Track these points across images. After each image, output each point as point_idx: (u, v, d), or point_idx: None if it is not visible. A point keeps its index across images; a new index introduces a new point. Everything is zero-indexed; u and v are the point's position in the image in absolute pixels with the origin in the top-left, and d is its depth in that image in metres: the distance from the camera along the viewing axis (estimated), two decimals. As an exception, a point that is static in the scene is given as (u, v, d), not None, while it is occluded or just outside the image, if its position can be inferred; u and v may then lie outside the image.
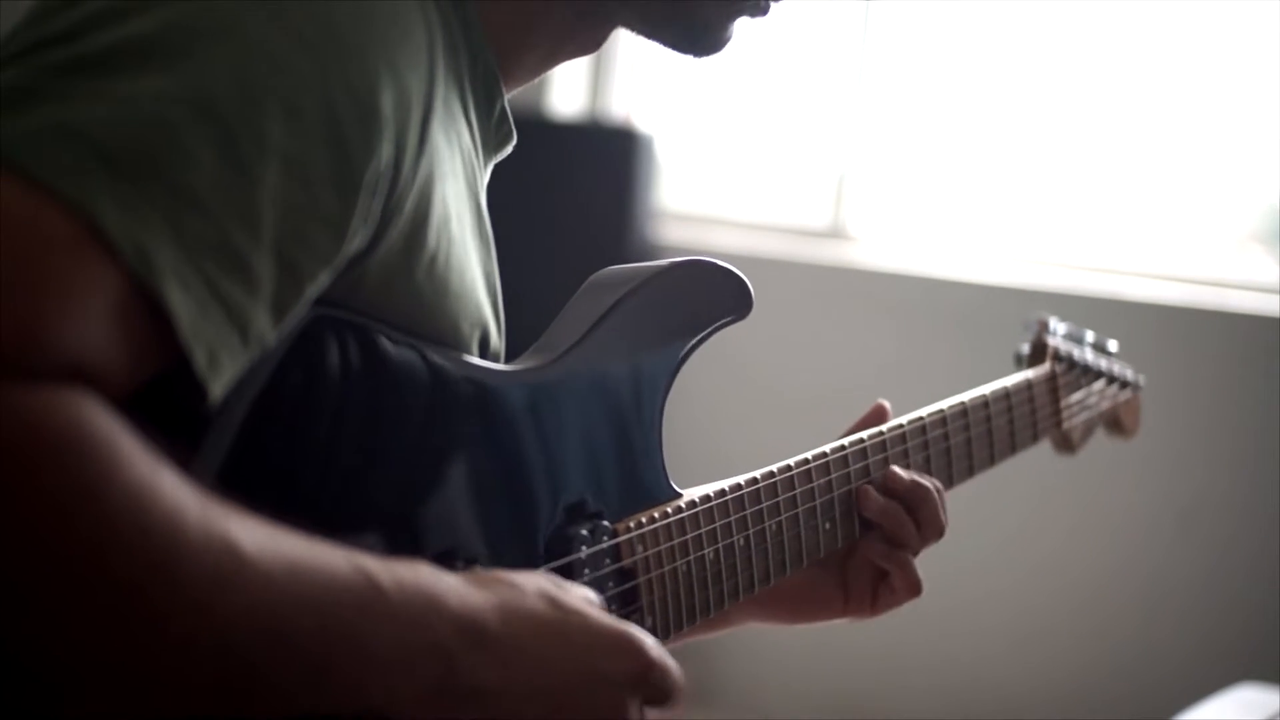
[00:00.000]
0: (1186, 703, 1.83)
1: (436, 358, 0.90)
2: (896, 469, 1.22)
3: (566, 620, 0.84)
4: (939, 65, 3.55)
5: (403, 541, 0.87)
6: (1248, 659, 2.68)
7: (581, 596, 0.87)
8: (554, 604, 0.84)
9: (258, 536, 0.71)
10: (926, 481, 1.22)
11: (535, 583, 0.84)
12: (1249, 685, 1.85)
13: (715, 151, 3.81)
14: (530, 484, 0.96)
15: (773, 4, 1.05)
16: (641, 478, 1.05)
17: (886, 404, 1.27)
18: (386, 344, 0.87)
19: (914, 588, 1.21)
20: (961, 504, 1.27)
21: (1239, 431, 3.01)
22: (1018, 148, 3.48)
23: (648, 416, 1.06)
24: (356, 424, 0.85)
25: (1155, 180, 3.36)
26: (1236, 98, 3.24)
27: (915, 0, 3.54)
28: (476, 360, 0.94)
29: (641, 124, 3.56)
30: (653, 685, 0.86)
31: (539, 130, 3.41)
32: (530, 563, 0.95)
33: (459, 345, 0.93)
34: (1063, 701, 3.13)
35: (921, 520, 1.21)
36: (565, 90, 3.67)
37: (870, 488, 1.20)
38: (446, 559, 0.88)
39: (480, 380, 0.94)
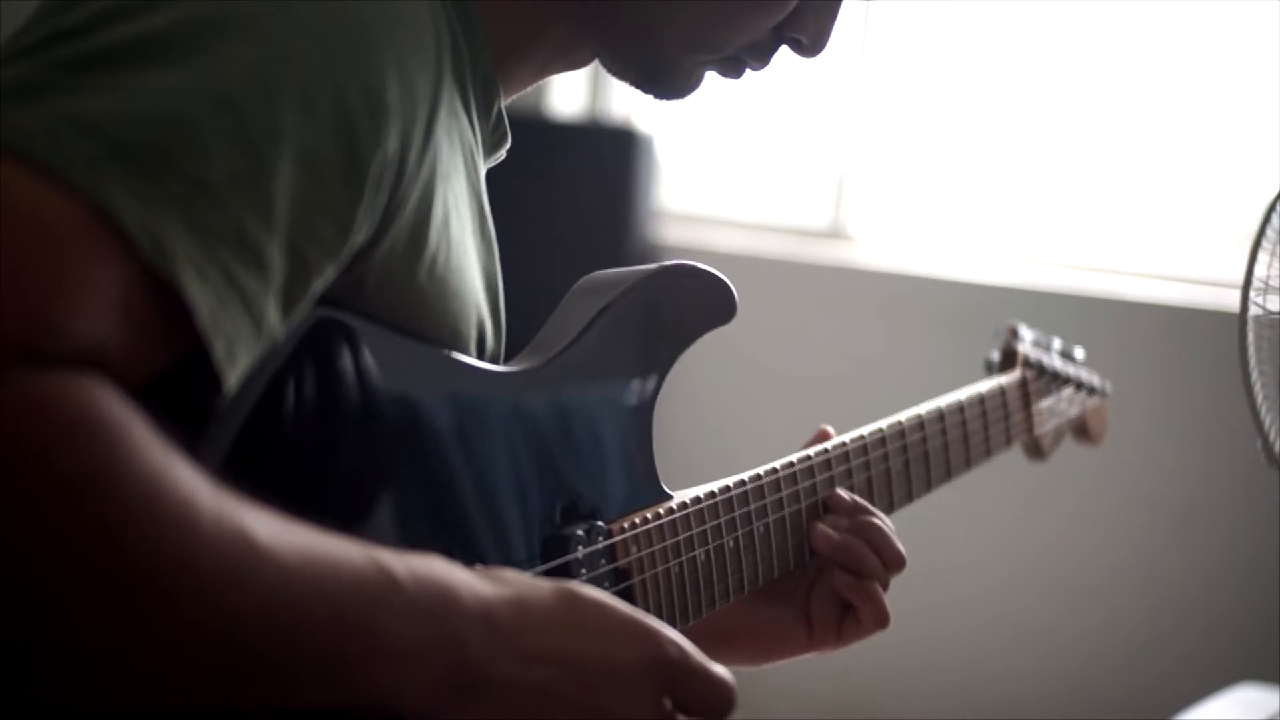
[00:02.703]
0: (1186, 703, 1.82)
1: (432, 359, 0.91)
2: (840, 491, 1.19)
3: (580, 611, 0.84)
4: (939, 65, 3.55)
5: (397, 541, 0.86)
6: (1248, 659, 2.68)
7: (595, 592, 0.87)
8: (567, 595, 0.84)
9: (271, 527, 0.71)
10: (871, 517, 1.19)
11: (551, 580, 0.85)
12: (1249, 685, 1.85)
13: (715, 151, 3.80)
14: (525, 485, 0.97)
15: (752, 70, 1.05)
16: (634, 479, 1.06)
17: (830, 430, 1.25)
18: (383, 345, 0.87)
19: (881, 619, 1.18)
20: (961, 504, 1.27)
21: (1238, 431, 3.00)
22: (1018, 148, 3.48)
23: (639, 418, 1.06)
24: (352, 424, 0.86)
25: (1155, 180, 3.36)
26: (1236, 97, 3.24)
27: (915, 0, 3.53)
28: (472, 361, 0.95)
29: (641, 124, 3.56)
30: (672, 679, 0.85)
31: (539, 130, 3.41)
32: (526, 562, 0.96)
33: (456, 346, 0.93)
34: (1062, 701, 3.13)
35: (877, 546, 1.17)
36: (565, 90, 3.67)
37: (819, 524, 1.17)
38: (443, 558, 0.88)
39: (475, 381, 0.94)
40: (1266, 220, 1.39)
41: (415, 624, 0.76)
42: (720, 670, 0.88)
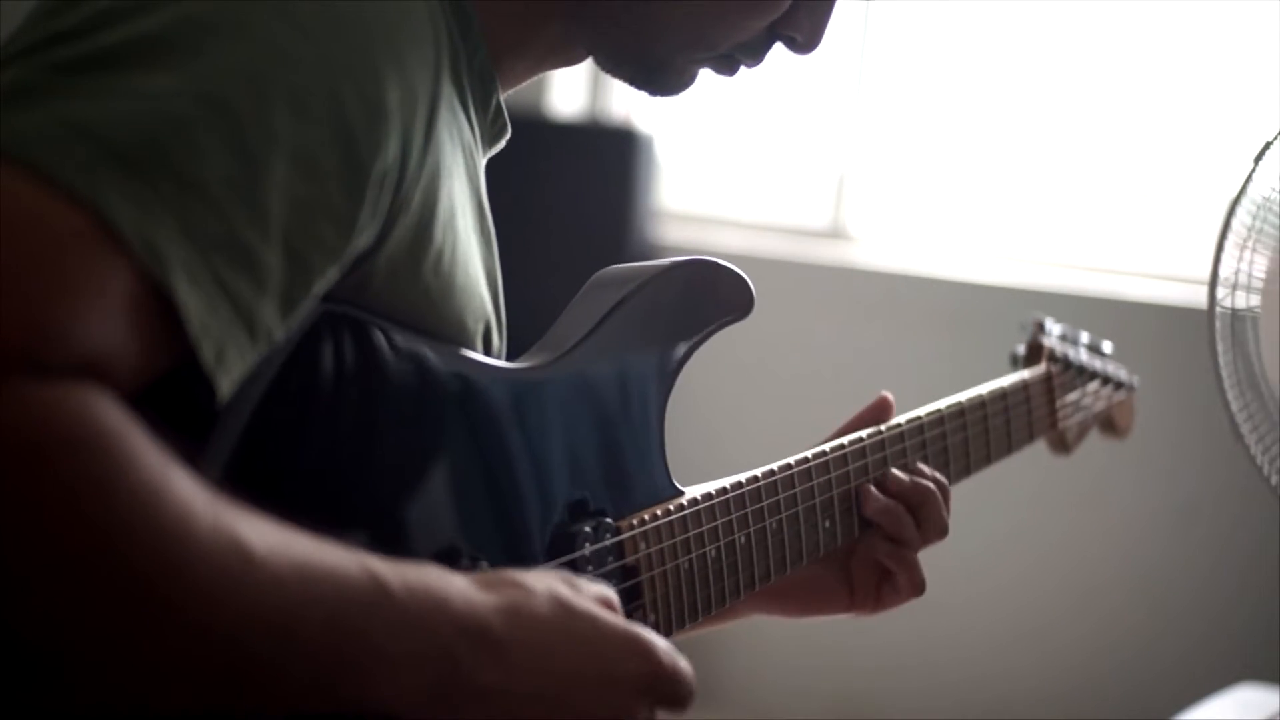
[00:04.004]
0: (1186, 703, 1.82)
1: (441, 355, 0.91)
2: (896, 472, 1.22)
3: (574, 622, 0.83)
4: (939, 65, 3.55)
5: (406, 537, 0.87)
6: (1248, 659, 2.68)
7: (595, 595, 0.87)
8: (562, 606, 0.83)
9: (267, 536, 0.72)
10: (927, 480, 1.23)
11: (545, 584, 0.84)
12: (1249, 685, 1.85)
13: (715, 151, 3.80)
14: (533, 481, 0.97)
15: (746, 67, 1.05)
16: (644, 475, 1.05)
17: (890, 396, 1.28)
18: (392, 341, 0.87)
19: (917, 586, 1.23)
20: (961, 503, 1.27)
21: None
22: (1017, 148, 3.48)
23: (650, 415, 1.06)
24: (361, 421, 0.86)
25: (1155, 179, 3.36)
26: (1235, 97, 3.24)
27: (915, 0, 3.54)
28: (481, 357, 0.95)
29: (641, 124, 3.56)
30: (663, 689, 0.86)
31: (539, 130, 3.41)
32: (533, 559, 0.96)
33: (464, 341, 0.94)
34: (1062, 701, 3.13)
35: (922, 519, 1.21)
36: (565, 90, 3.67)
37: (871, 487, 1.21)
38: (450, 555, 0.88)
39: (485, 377, 0.94)
40: (1228, 219, 1.46)
41: (407, 633, 0.76)
42: (689, 668, 0.88)
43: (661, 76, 1.04)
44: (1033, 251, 3.43)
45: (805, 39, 1.04)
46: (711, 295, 1.09)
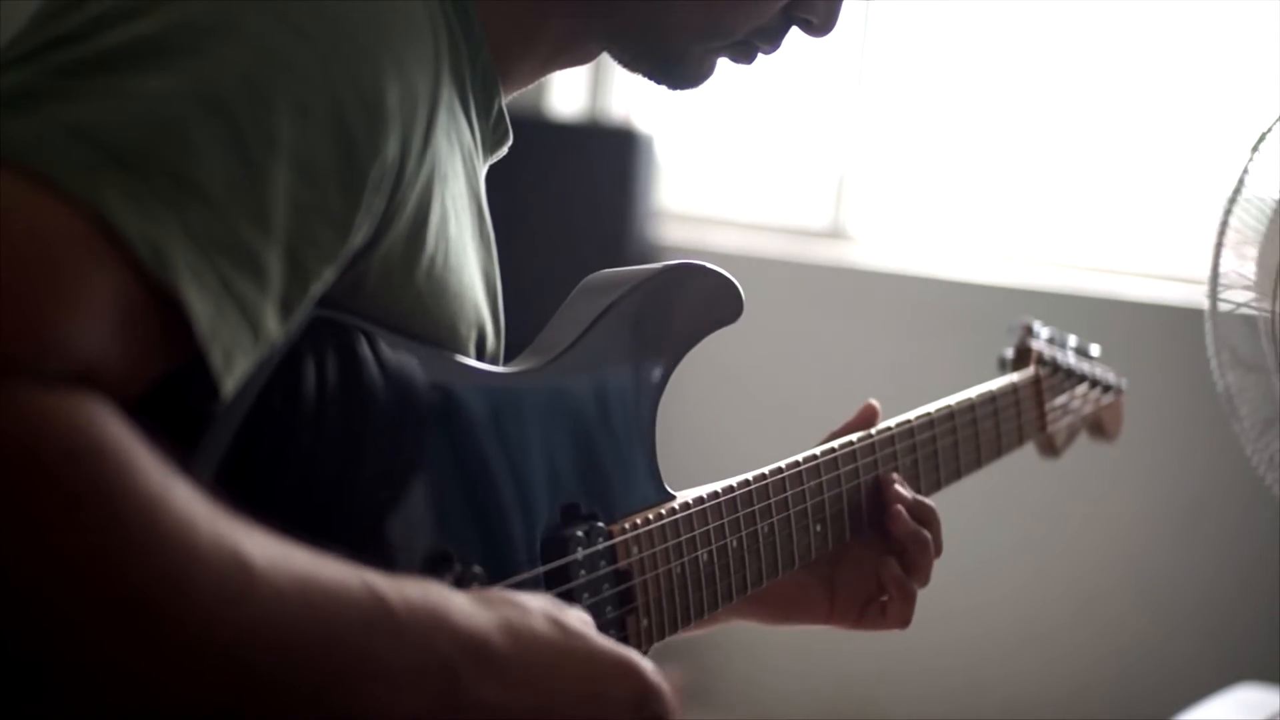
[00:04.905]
0: (1186, 703, 1.82)
1: (431, 360, 0.90)
2: (905, 491, 1.22)
3: (570, 641, 0.84)
4: (939, 65, 3.55)
5: (397, 542, 0.87)
6: (1248, 659, 2.68)
7: (579, 619, 0.87)
8: (558, 625, 0.84)
9: (268, 550, 0.71)
10: (927, 501, 1.24)
11: (540, 603, 0.85)
12: (1249, 685, 1.85)
13: (715, 151, 3.80)
14: (525, 486, 0.96)
15: (763, 53, 1.05)
16: (636, 480, 1.05)
17: (876, 404, 1.28)
18: (382, 347, 0.87)
19: (905, 620, 1.23)
20: (961, 505, 1.27)
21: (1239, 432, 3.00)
22: (1017, 148, 3.48)
23: (642, 419, 1.06)
24: (351, 426, 0.85)
25: (1155, 180, 3.36)
26: (1235, 98, 3.24)
27: (915, 0, 3.54)
28: (472, 362, 0.95)
29: (641, 124, 3.56)
30: (651, 710, 0.87)
31: (539, 130, 3.41)
32: (525, 564, 0.96)
33: (455, 347, 0.93)
34: (1063, 702, 3.13)
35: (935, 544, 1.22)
36: (565, 90, 3.67)
37: (900, 508, 1.21)
38: (441, 560, 0.88)
39: (474, 382, 0.94)
40: (1225, 219, 1.46)
41: (407, 648, 0.75)
42: (670, 689, 0.90)
43: (680, 69, 1.04)
44: (1032, 251, 3.43)
45: (821, 21, 1.04)
46: (701, 299, 1.09)
